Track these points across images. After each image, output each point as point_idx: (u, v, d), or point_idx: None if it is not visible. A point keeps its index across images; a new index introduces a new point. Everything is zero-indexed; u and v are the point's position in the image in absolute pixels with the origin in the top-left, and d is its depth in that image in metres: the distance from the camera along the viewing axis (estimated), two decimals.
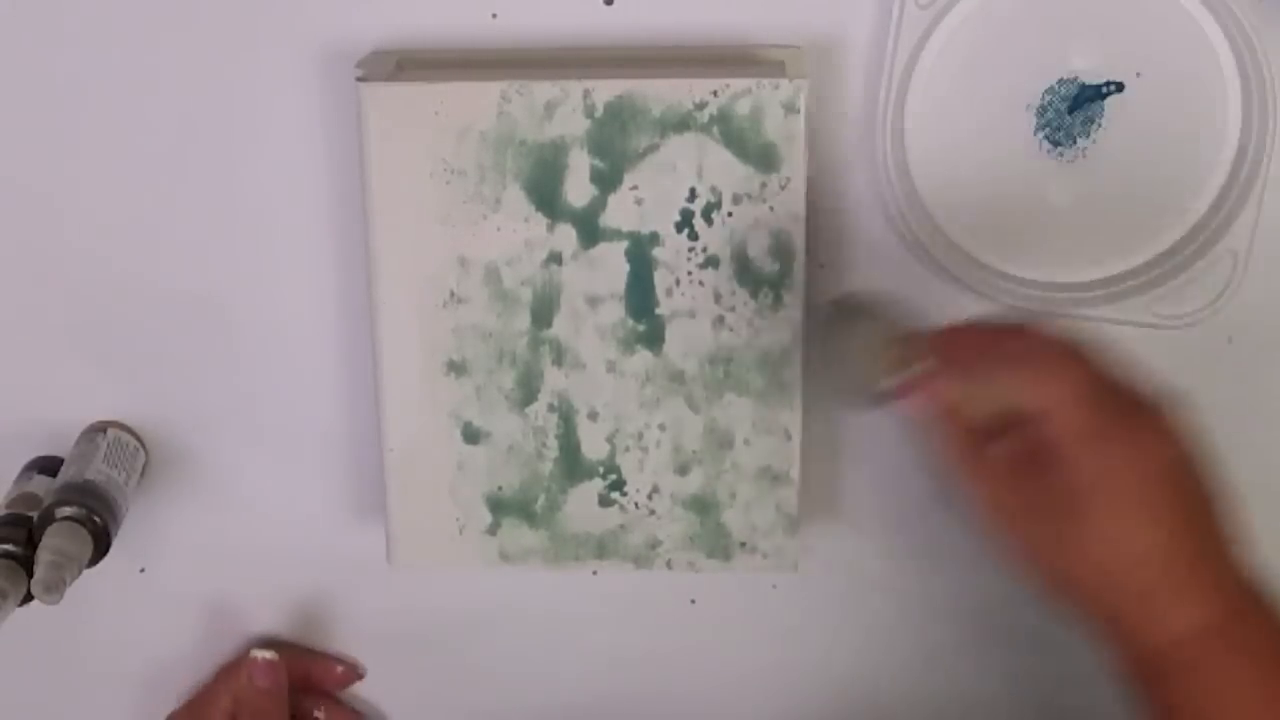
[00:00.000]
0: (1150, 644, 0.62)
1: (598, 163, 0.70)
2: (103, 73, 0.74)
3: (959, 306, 0.75)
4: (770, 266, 0.72)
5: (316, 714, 0.84)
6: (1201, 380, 0.76)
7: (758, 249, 0.71)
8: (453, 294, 0.73)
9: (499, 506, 0.76)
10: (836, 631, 0.83)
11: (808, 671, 0.84)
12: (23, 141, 0.75)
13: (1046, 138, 0.73)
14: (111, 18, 0.73)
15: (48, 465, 0.79)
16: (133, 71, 0.74)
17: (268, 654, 0.81)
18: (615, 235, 0.72)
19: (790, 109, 0.69)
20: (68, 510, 0.74)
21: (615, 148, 0.70)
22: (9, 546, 0.74)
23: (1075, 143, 0.73)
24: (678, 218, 0.71)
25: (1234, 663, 0.61)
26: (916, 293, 0.76)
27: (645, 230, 0.71)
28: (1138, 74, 0.71)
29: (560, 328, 0.73)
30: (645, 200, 0.71)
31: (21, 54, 0.74)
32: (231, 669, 0.83)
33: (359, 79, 0.70)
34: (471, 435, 0.75)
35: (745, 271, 0.72)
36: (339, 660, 0.85)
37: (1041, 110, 0.72)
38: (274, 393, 0.80)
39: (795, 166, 0.70)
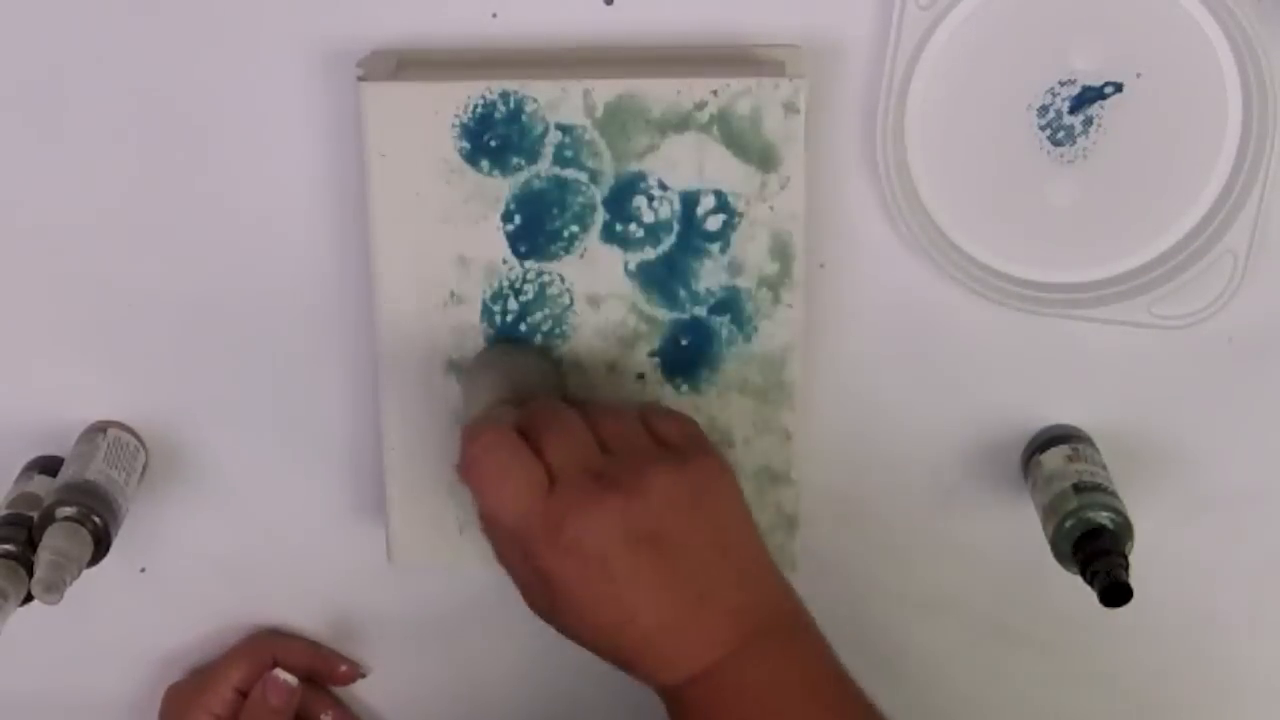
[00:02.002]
0: (662, 686, 0.66)
1: (598, 163, 0.71)
2: (102, 73, 0.74)
3: (959, 306, 0.76)
4: (770, 266, 0.72)
5: (323, 718, 0.84)
6: (1201, 380, 0.76)
7: (758, 248, 0.71)
8: (453, 294, 0.73)
9: None
10: (836, 631, 0.83)
11: None
12: (23, 142, 0.75)
13: (1047, 138, 0.73)
14: (111, 18, 0.73)
15: (48, 465, 0.79)
16: (132, 71, 0.74)
17: (289, 678, 0.81)
18: (615, 235, 0.72)
19: (790, 109, 0.69)
20: (68, 510, 0.74)
21: (615, 147, 0.70)
22: (9, 546, 0.74)
23: (1075, 143, 0.73)
24: (678, 217, 0.71)
25: (746, 695, 0.64)
26: (917, 292, 0.76)
27: (646, 229, 0.71)
28: (1138, 74, 0.71)
29: (561, 328, 0.73)
30: (645, 200, 0.71)
31: (21, 54, 0.74)
32: (243, 651, 0.83)
33: (359, 79, 0.70)
34: None
35: (745, 270, 0.72)
36: (344, 659, 0.85)
37: (1042, 110, 0.72)
38: (274, 393, 0.80)
39: (795, 166, 0.70)
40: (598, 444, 0.66)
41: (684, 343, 0.73)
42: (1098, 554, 0.72)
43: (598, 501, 0.63)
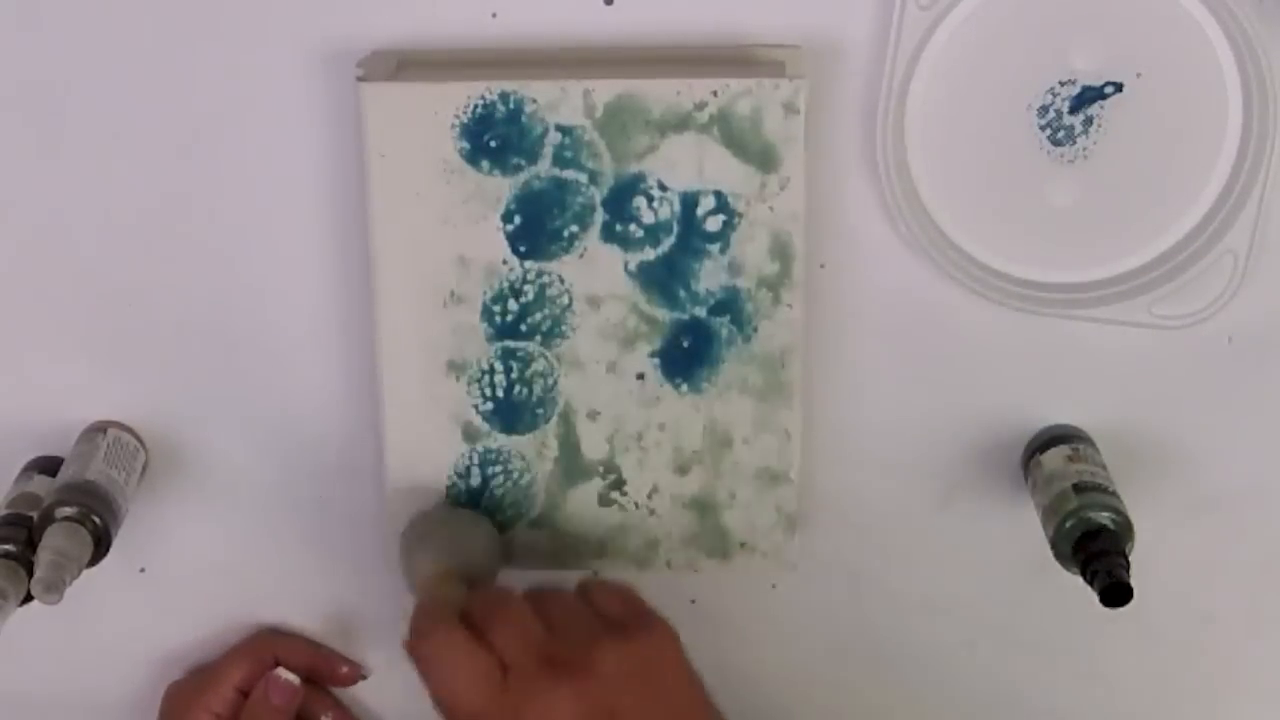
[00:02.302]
0: None
1: (597, 163, 0.71)
2: (102, 73, 0.74)
3: (959, 306, 0.76)
4: (770, 266, 0.72)
5: (323, 718, 0.84)
6: (1201, 380, 0.76)
7: (758, 248, 0.71)
8: (453, 294, 0.73)
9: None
10: (836, 631, 0.83)
11: (808, 671, 0.84)
12: (23, 142, 0.75)
13: (1047, 138, 0.73)
14: (112, 18, 0.73)
15: (48, 465, 0.79)
16: (132, 72, 0.74)
17: (291, 677, 0.81)
18: (615, 235, 0.72)
19: (790, 109, 0.69)
20: (68, 510, 0.74)
21: (615, 148, 0.70)
22: (9, 546, 0.74)
23: (1075, 143, 0.73)
24: (677, 218, 0.71)
25: None
26: (917, 292, 0.76)
27: (646, 229, 0.71)
28: (1138, 74, 0.71)
29: (561, 328, 0.73)
30: (644, 200, 0.71)
31: (21, 54, 0.74)
32: (245, 650, 0.83)
33: (359, 79, 0.70)
34: (471, 435, 0.75)
35: (744, 271, 0.72)
36: (346, 659, 0.85)
37: (1042, 110, 0.72)
38: (274, 393, 0.80)
39: (795, 167, 0.70)
40: (543, 626, 0.67)
41: (684, 343, 0.73)
42: (1098, 554, 0.72)
43: (551, 687, 0.64)
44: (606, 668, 0.65)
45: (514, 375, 0.74)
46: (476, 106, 0.70)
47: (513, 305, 0.73)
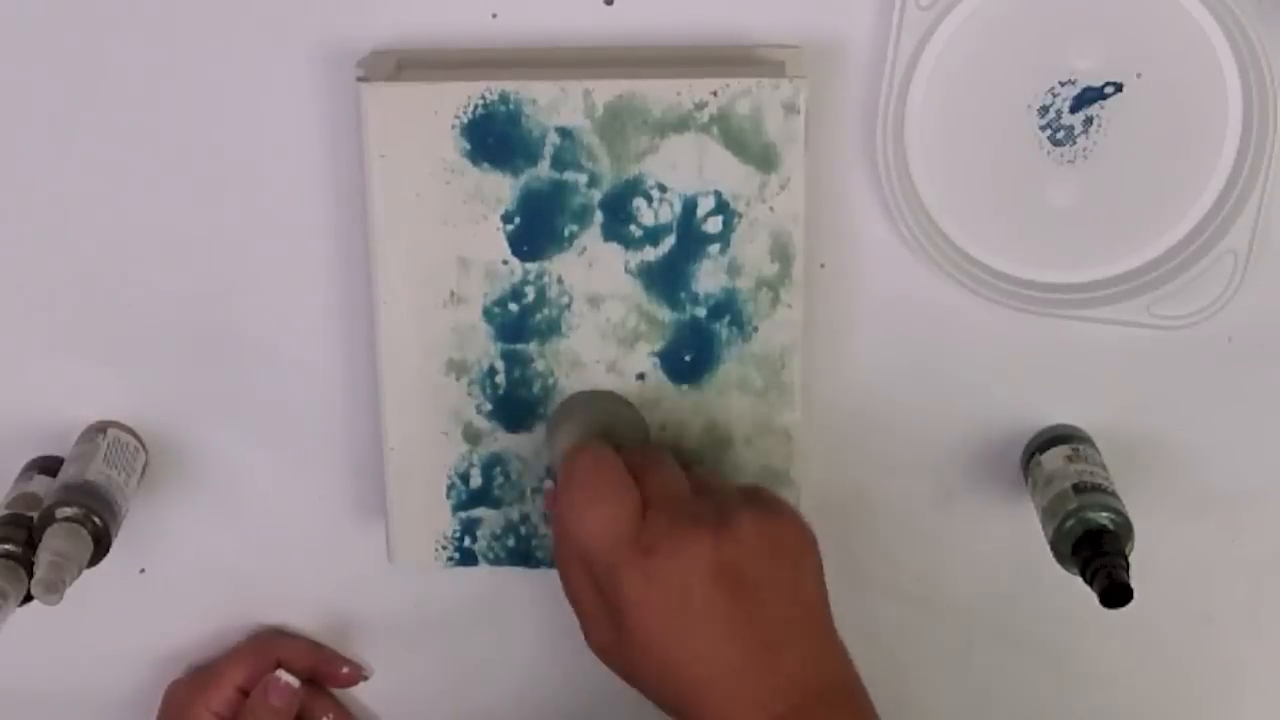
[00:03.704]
0: None
1: (597, 164, 0.71)
2: (102, 74, 0.74)
3: (959, 306, 0.76)
4: (770, 267, 0.72)
5: (323, 719, 0.84)
6: (1201, 380, 0.76)
7: (758, 249, 0.71)
8: (453, 294, 0.73)
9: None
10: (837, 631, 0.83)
11: None
12: (23, 142, 0.75)
13: (1048, 138, 0.73)
14: (111, 18, 0.73)
15: (48, 465, 0.79)
16: (132, 71, 0.74)
17: (291, 679, 0.81)
18: (615, 235, 0.72)
19: (790, 109, 0.69)
20: (68, 510, 0.74)
21: (615, 148, 0.70)
22: (9, 546, 0.74)
23: (1076, 143, 0.73)
24: (677, 218, 0.71)
25: None
26: (917, 293, 0.76)
27: (646, 229, 0.71)
28: (1138, 74, 0.71)
29: (561, 328, 0.73)
30: (644, 200, 0.71)
31: (21, 54, 0.74)
32: (247, 650, 0.83)
33: (359, 79, 0.70)
34: (472, 435, 0.75)
35: (744, 271, 0.72)
36: (346, 660, 0.85)
37: (1043, 110, 0.72)
38: (274, 393, 0.80)
39: (795, 167, 0.70)
40: (691, 488, 0.67)
41: (684, 343, 0.73)
42: (1098, 554, 0.72)
43: (689, 532, 0.64)
44: (745, 533, 0.64)
45: (515, 375, 0.74)
46: (477, 107, 0.70)
47: (513, 305, 0.73)
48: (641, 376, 0.74)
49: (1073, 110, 0.72)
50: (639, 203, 0.71)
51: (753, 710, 0.64)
